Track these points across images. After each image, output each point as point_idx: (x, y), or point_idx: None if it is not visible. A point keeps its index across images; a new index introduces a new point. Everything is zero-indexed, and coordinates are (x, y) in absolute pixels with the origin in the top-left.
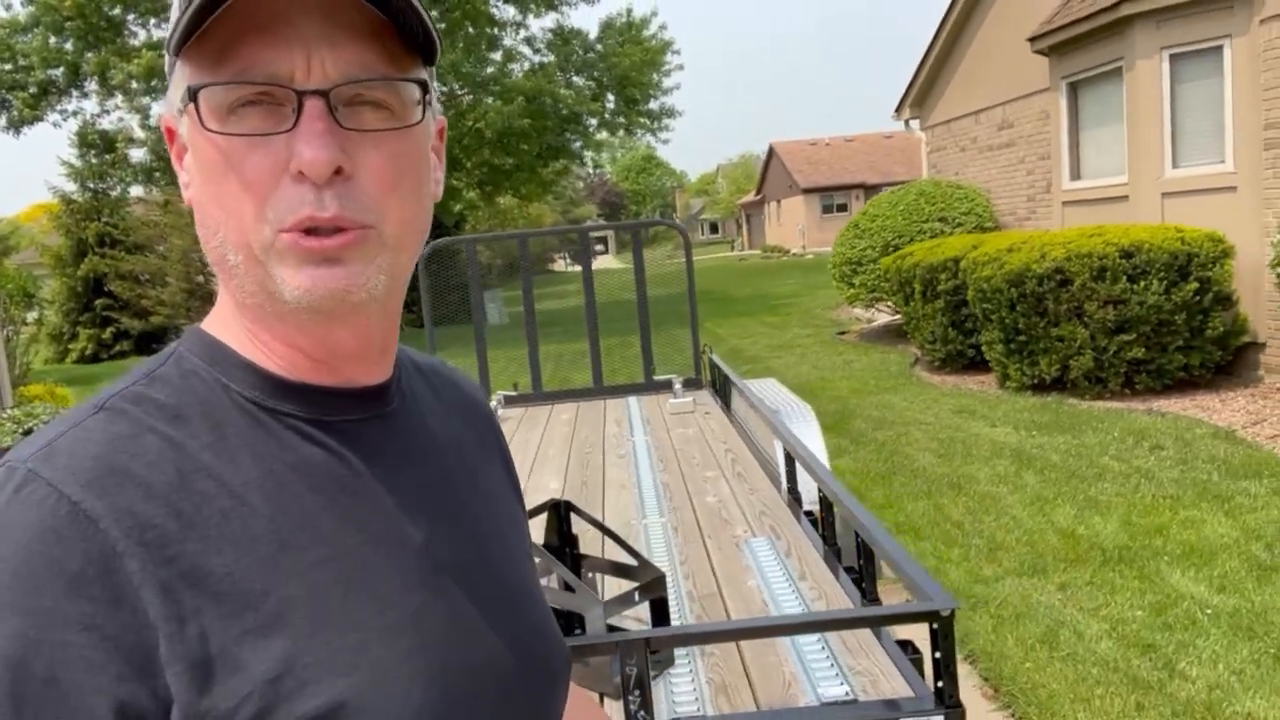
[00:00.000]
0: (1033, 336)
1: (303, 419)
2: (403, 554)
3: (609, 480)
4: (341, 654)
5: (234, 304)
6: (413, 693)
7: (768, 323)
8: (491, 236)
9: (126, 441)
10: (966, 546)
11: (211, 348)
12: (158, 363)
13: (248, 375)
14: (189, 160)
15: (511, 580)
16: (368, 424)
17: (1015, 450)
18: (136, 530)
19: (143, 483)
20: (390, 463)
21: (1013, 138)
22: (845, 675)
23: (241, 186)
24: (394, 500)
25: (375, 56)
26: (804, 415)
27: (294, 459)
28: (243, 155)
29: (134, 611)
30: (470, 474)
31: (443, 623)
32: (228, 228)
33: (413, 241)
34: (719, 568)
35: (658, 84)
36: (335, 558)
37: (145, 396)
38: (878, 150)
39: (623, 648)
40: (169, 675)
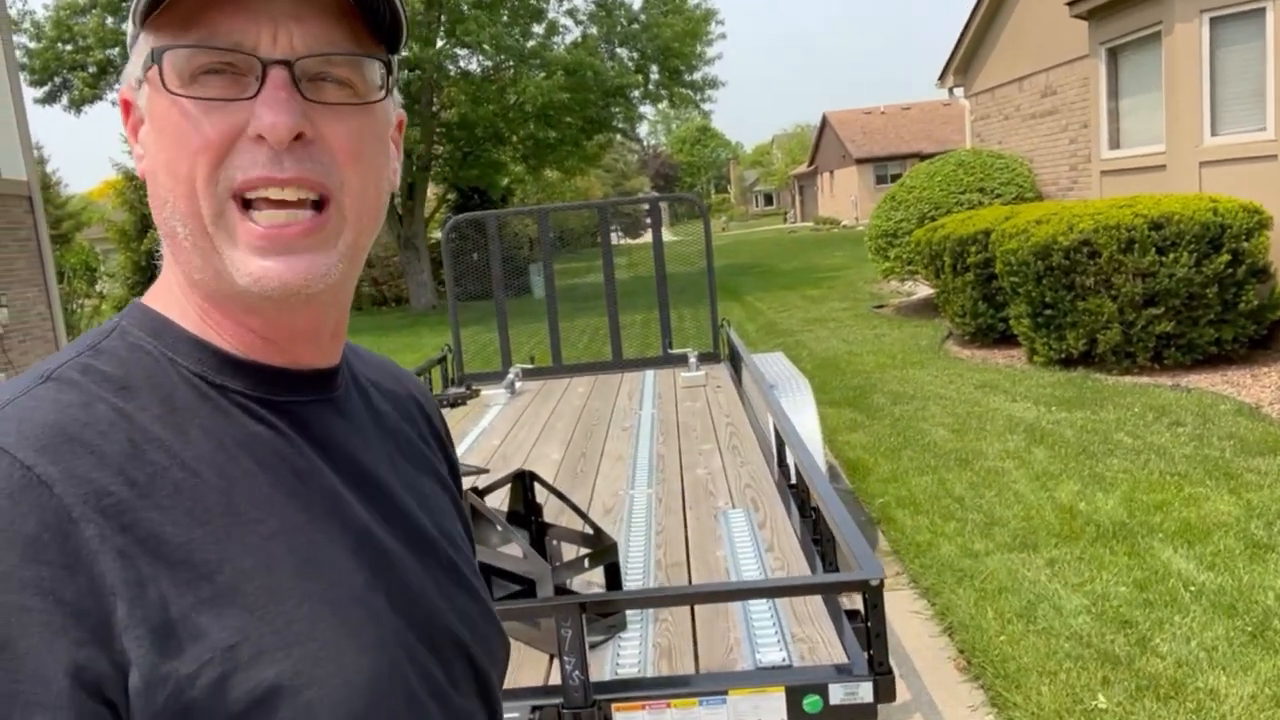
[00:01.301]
0: (1060, 310)
1: (249, 396)
2: (346, 533)
3: (607, 452)
4: (295, 624)
5: (184, 279)
6: (363, 665)
7: (808, 296)
8: (513, 211)
9: (78, 410)
10: (963, 521)
11: (155, 322)
12: (101, 335)
13: (194, 350)
14: (145, 131)
15: (453, 561)
16: (314, 406)
17: (1030, 425)
18: (93, 496)
19: (96, 451)
20: (335, 445)
21: (1056, 105)
22: (786, 642)
23: (196, 149)
24: (338, 481)
25: (341, 35)
26: (800, 389)
27: (242, 435)
28: (200, 118)
29: (90, 577)
30: (413, 461)
31: (387, 600)
32: (177, 196)
33: (371, 221)
34: (692, 538)
35: (700, 54)
36: (285, 531)
37: (91, 367)
38: (935, 118)
39: (559, 611)
40: (127, 639)
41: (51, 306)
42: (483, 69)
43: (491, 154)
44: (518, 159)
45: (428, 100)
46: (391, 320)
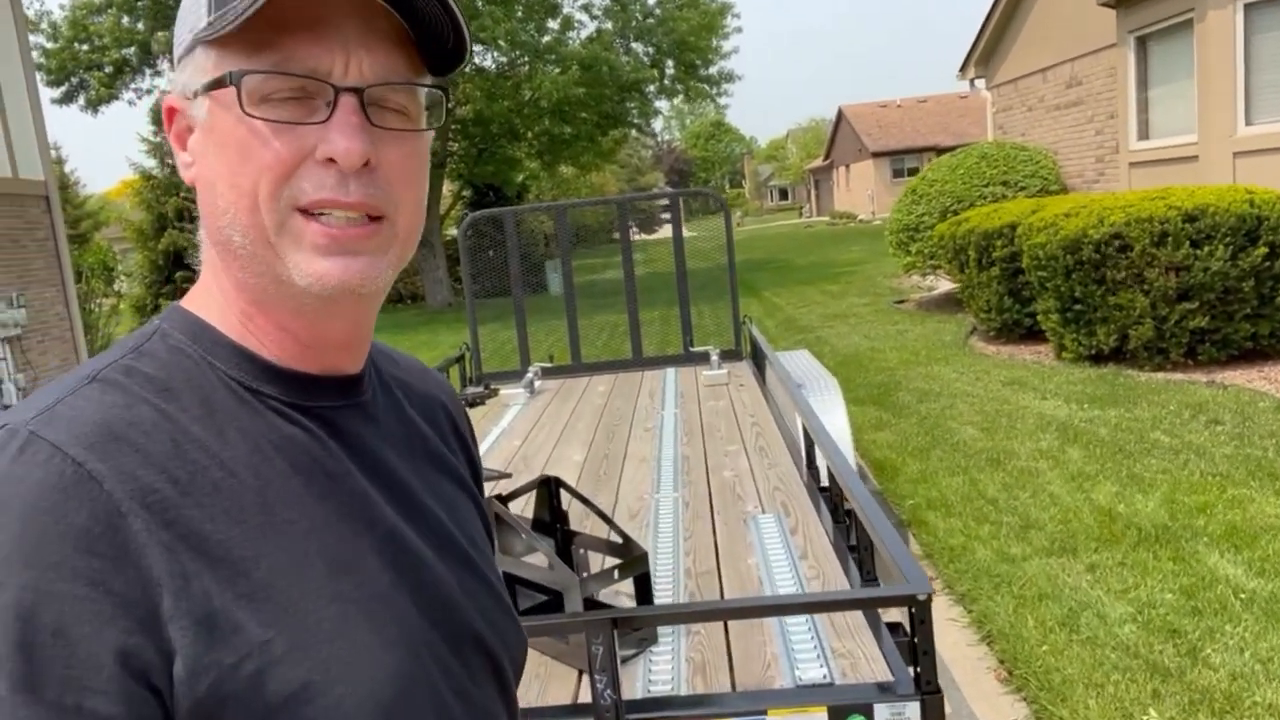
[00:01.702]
0: (1090, 305)
1: (284, 402)
2: (374, 534)
3: (630, 454)
4: (326, 622)
5: (232, 285)
6: (389, 661)
7: (827, 291)
8: (530, 208)
9: (122, 410)
10: (998, 524)
11: (195, 326)
12: (143, 338)
13: (232, 355)
14: (198, 141)
15: (475, 564)
16: (343, 411)
17: (1063, 424)
18: (139, 493)
19: (141, 449)
20: (363, 448)
21: (1081, 96)
22: (827, 658)
23: (264, 165)
24: (366, 484)
25: (402, 63)
26: (829, 388)
27: (277, 438)
28: (269, 138)
29: (138, 569)
30: (438, 464)
31: (412, 599)
32: (239, 208)
33: (415, 238)
34: (722, 545)
35: (716, 48)
36: (316, 532)
37: (135, 369)
38: (952, 111)
39: (589, 627)
40: (173, 629)
41: (69, 306)
42: (497, 65)
43: (506, 150)
44: (533, 155)
45: None
46: (408, 318)
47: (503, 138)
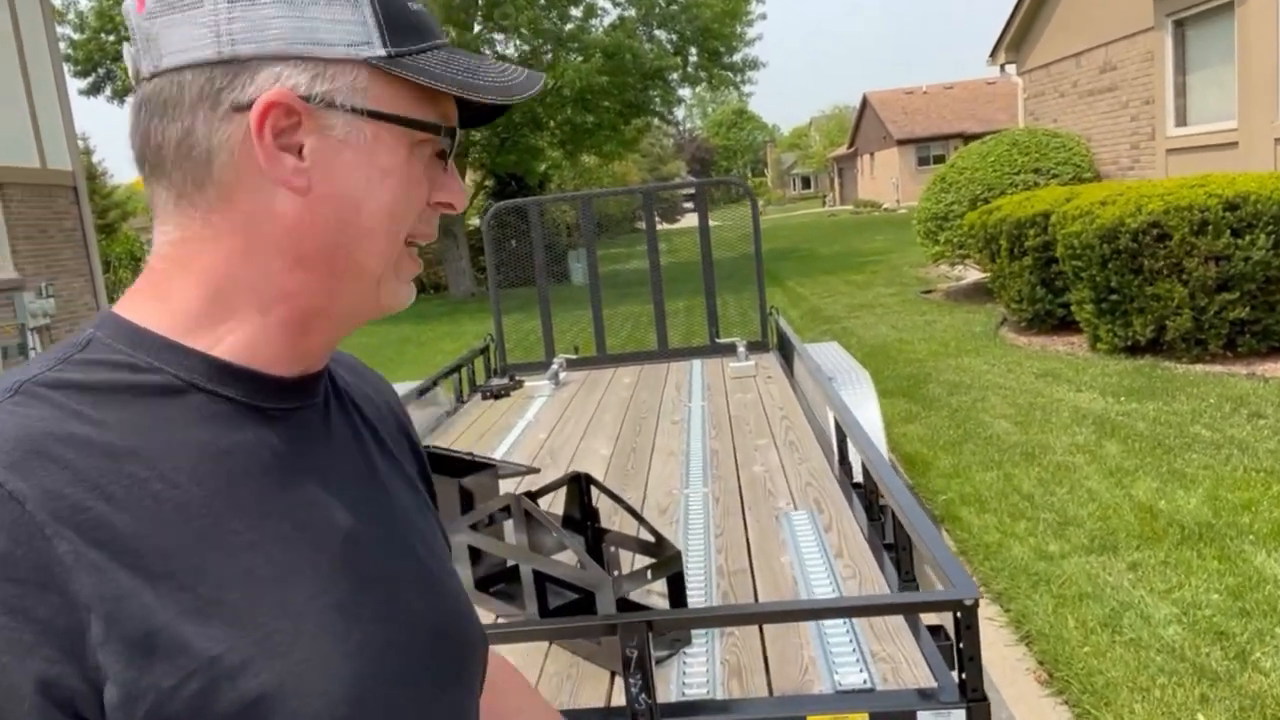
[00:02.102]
0: (1126, 295)
1: (232, 402)
2: (329, 540)
3: (658, 447)
4: (278, 635)
5: (277, 293)
6: (345, 673)
7: (852, 281)
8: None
9: (50, 423)
10: (1034, 520)
11: (132, 332)
12: (74, 347)
13: (180, 358)
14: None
15: (430, 564)
16: (298, 413)
17: (1099, 417)
18: (67, 512)
19: (68, 466)
20: (315, 451)
21: (1115, 81)
22: (866, 662)
23: (416, 207)
24: (319, 487)
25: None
26: (860, 381)
27: (225, 444)
28: (422, 181)
29: (63, 594)
30: (390, 465)
31: (370, 607)
32: (388, 236)
33: None
34: (754, 542)
35: (740, 35)
36: (266, 542)
37: (63, 381)
38: (980, 97)
39: (623, 629)
40: (103, 655)
41: (97, 296)
42: (520, 53)
43: (529, 140)
44: (555, 144)
45: None
46: (431, 308)
47: (525, 127)
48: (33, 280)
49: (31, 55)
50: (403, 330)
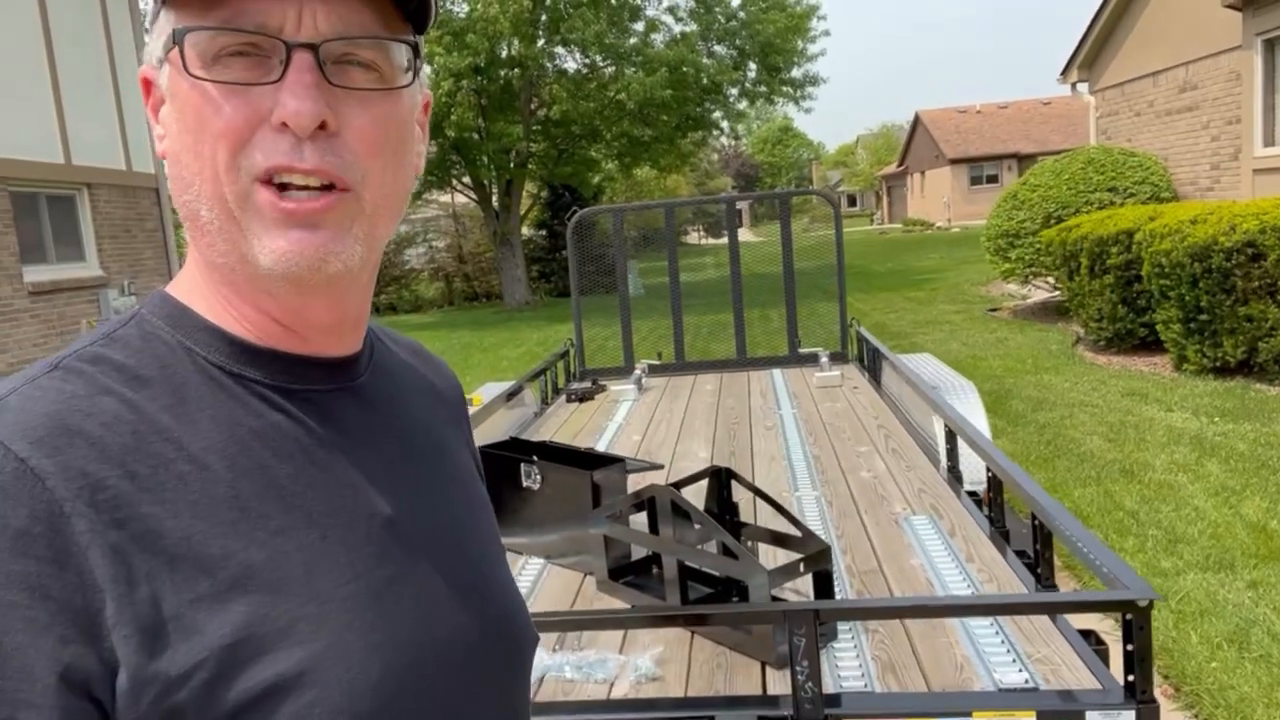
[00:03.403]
0: (1216, 316)
1: (268, 385)
2: (368, 526)
3: (758, 451)
4: (301, 623)
5: (204, 264)
6: (372, 665)
7: (911, 298)
8: (639, 206)
9: (81, 401)
10: (1142, 537)
11: (175, 310)
12: (119, 324)
13: (212, 339)
14: (166, 112)
15: (477, 558)
16: (335, 395)
17: (1195, 437)
18: (87, 490)
19: (96, 443)
20: (357, 435)
21: (1196, 100)
22: (1024, 662)
23: (217, 133)
24: (360, 472)
25: (368, 16)
26: (965, 392)
27: (258, 425)
28: (221, 102)
29: (79, 572)
30: (440, 452)
31: (406, 597)
32: (202, 179)
33: (391, 210)
34: (878, 544)
35: (802, 50)
36: (297, 526)
37: (103, 357)
38: (1034, 118)
39: (790, 618)
40: (115, 638)
41: None
42: (581, 67)
43: (586, 152)
44: (611, 157)
45: (527, 98)
46: (487, 315)
47: (584, 138)
48: (116, 278)
49: (120, 60)
50: (462, 337)
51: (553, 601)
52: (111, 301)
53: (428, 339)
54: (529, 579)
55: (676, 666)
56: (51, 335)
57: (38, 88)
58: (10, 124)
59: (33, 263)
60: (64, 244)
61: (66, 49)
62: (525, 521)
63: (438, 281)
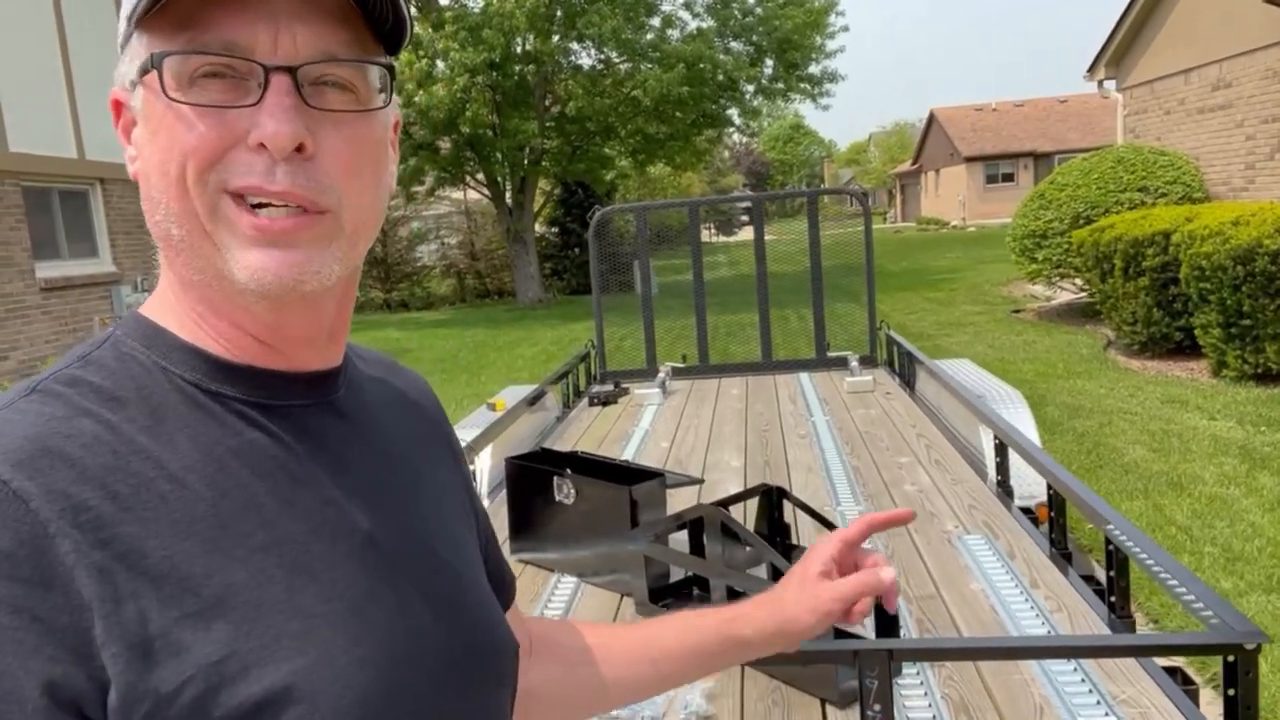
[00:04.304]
0: (1260, 321)
1: (245, 402)
2: (348, 541)
3: (793, 462)
4: (285, 639)
5: (179, 283)
6: (356, 679)
7: (931, 299)
8: (661, 204)
9: (60, 423)
10: (1198, 555)
11: (149, 331)
12: (93, 346)
13: (188, 358)
14: (139, 133)
15: (458, 572)
16: (313, 410)
17: (1243, 447)
18: (70, 512)
19: (77, 464)
20: (335, 450)
21: (1230, 99)
22: (1109, 705)
23: (188, 150)
24: (338, 488)
25: (344, 37)
26: (1013, 401)
27: (236, 443)
28: (195, 122)
29: (66, 593)
30: (417, 466)
31: (387, 611)
32: (169, 196)
33: (368, 229)
34: (933, 566)
35: (820, 47)
36: (278, 542)
37: (80, 379)
38: (1051, 115)
39: (863, 657)
40: (105, 656)
41: None
42: (596, 63)
43: (600, 149)
44: (626, 154)
45: (542, 94)
46: (500, 313)
47: (598, 135)
48: (130, 274)
49: None
50: (476, 335)
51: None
52: (124, 298)
53: (442, 336)
54: (563, 597)
55: (729, 702)
56: (64, 332)
57: (51, 83)
58: (23, 119)
59: (45, 259)
60: (76, 240)
61: (80, 44)
62: (557, 537)
63: (450, 278)
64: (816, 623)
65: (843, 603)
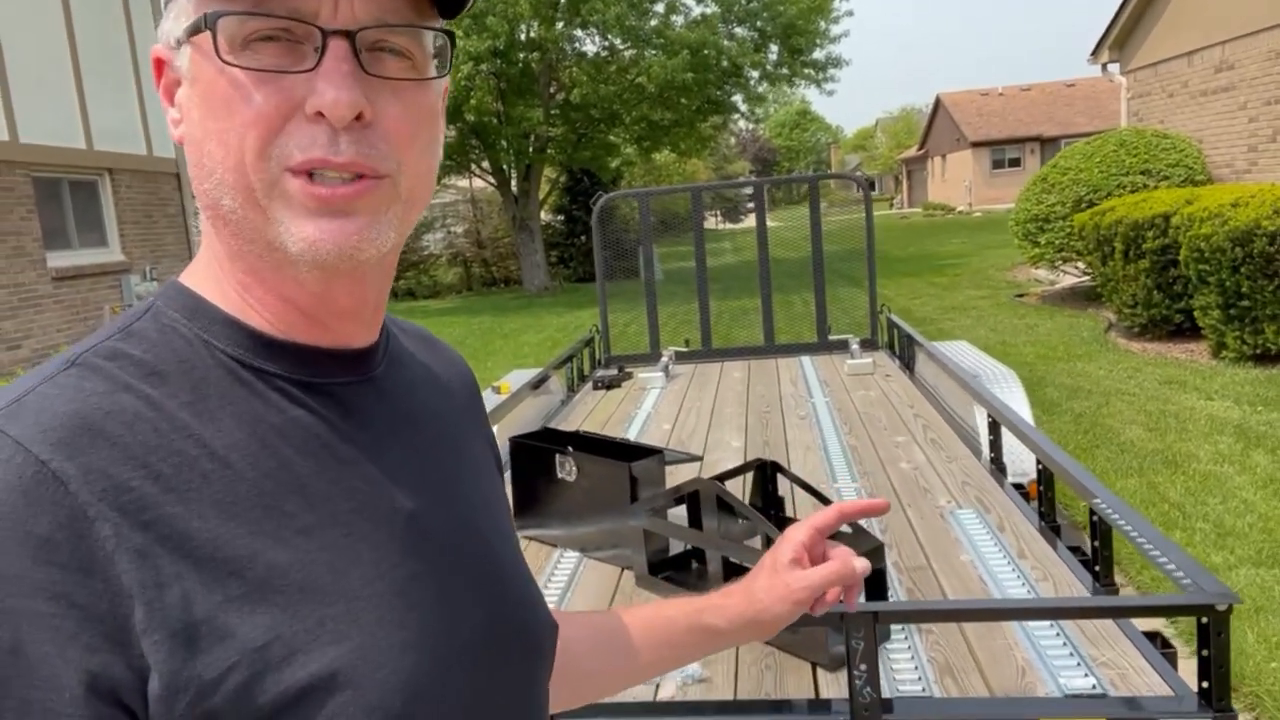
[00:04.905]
0: (1258, 302)
1: (288, 379)
2: (391, 522)
3: (792, 441)
4: (330, 623)
5: (225, 253)
6: (402, 662)
7: (935, 283)
8: (665, 190)
9: (100, 399)
10: (1189, 530)
11: (192, 302)
12: (134, 317)
13: (231, 332)
14: (184, 94)
15: (498, 551)
16: (355, 387)
17: (1239, 427)
18: (111, 493)
19: (118, 443)
20: (378, 428)
21: (1233, 81)
22: (1089, 667)
23: (247, 121)
24: (381, 467)
25: (403, 3)
26: (1007, 380)
27: (280, 421)
28: (252, 89)
29: (105, 579)
30: (455, 443)
31: (431, 593)
32: (225, 167)
33: (423, 197)
34: (925, 539)
35: (824, 32)
36: (323, 524)
37: (121, 352)
38: (1058, 100)
39: (848, 620)
40: (146, 644)
41: None
42: (601, 50)
43: (605, 136)
44: (630, 141)
45: (546, 81)
46: (506, 301)
47: (603, 122)
48: (139, 263)
49: (141, 45)
50: (483, 322)
51: (591, 596)
52: (134, 286)
53: (449, 324)
54: (565, 572)
55: (724, 668)
56: (75, 321)
57: (59, 74)
58: (32, 110)
59: (56, 248)
60: (86, 229)
61: (88, 35)
62: (560, 514)
63: (456, 267)
64: (787, 612)
65: (813, 591)
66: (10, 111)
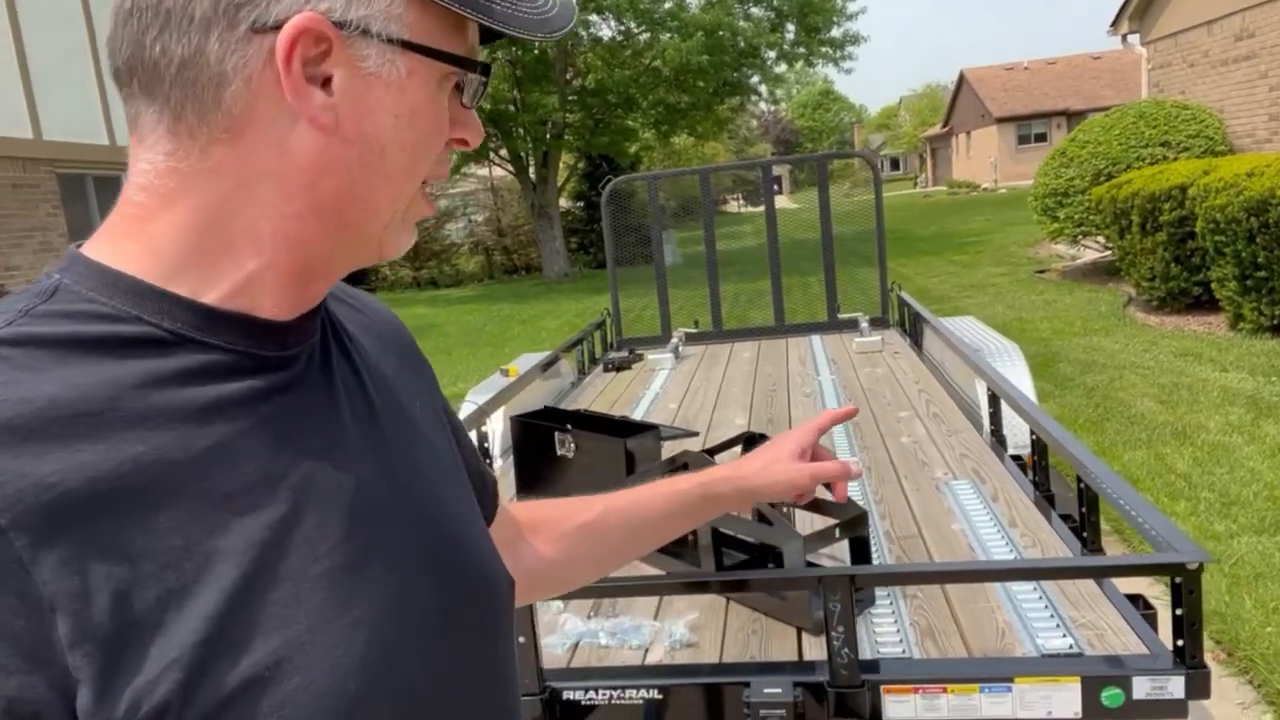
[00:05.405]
0: (1275, 272)
1: (230, 351)
2: (336, 496)
3: (795, 418)
4: (276, 607)
5: (282, 241)
6: (354, 641)
7: (956, 261)
8: (672, 173)
9: (9, 389)
10: (1194, 500)
11: (106, 276)
12: (37, 297)
13: (161, 305)
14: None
15: (450, 511)
16: (293, 359)
17: (1251, 397)
18: (29, 494)
19: (34, 437)
20: (320, 397)
21: (1253, 49)
22: (1068, 628)
23: (433, 143)
24: (325, 437)
25: None
26: (1009, 354)
27: (215, 399)
28: (442, 114)
29: (21, 594)
30: (397, 404)
31: (381, 566)
32: (409, 176)
33: None
34: (918, 509)
35: (841, 9)
36: (264, 504)
37: (25, 336)
38: (1085, 73)
39: (825, 583)
40: (74, 657)
41: None
42: (616, 34)
43: (622, 121)
44: (648, 125)
45: (562, 67)
46: (526, 288)
47: (619, 107)
48: None
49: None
50: (502, 309)
51: None
52: None
53: (469, 312)
54: None
55: (711, 633)
56: None
57: (82, 71)
58: (56, 107)
59: None
60: None
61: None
62: (560, 490)
63: (478, 255)
64: (782, 490)
65: (814, 479)
66: (34, 108)
